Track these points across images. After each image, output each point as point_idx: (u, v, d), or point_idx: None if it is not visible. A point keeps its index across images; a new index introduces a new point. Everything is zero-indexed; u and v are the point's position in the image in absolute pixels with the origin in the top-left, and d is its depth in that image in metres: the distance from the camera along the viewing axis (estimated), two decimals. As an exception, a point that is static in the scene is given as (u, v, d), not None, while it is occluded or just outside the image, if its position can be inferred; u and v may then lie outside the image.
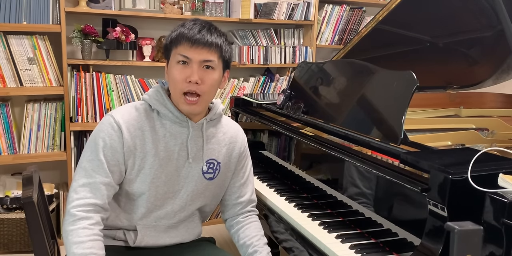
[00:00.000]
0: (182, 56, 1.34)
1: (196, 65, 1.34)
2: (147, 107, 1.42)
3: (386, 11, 2.00)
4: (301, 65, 2.09)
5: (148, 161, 1.38)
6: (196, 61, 1.34)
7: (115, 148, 1.35)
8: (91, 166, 1.33)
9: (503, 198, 1.02)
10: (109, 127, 1.36)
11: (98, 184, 1.32)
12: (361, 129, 1.56)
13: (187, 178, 1.45)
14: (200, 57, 1.34)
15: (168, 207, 1.45)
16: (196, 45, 1.33)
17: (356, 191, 1.48)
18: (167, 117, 1.41)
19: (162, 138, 1.40)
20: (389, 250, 1.30)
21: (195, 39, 1.33)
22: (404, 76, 1.49)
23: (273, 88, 3.31)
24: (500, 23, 1.79)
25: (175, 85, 1.37)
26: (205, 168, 1.46)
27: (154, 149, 1.38)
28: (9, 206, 2.63)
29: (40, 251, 1.30)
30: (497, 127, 1.90)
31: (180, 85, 1.35)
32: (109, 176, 1.34)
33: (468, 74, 2.20)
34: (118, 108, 1.43)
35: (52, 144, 2.76)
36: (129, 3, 2.79)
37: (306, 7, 3.23)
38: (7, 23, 2.53)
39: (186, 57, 1.34)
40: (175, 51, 1.36)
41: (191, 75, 1.33)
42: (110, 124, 1.36)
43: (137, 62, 2.93)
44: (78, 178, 1.33)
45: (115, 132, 1.35)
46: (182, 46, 1.34)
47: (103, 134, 1.35)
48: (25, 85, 2.64)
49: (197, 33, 1.34)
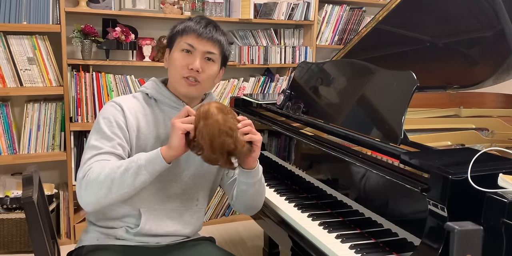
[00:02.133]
0: (188, 44, 1.43)
1: (199, 55, 1.43)
2: (145, 96, 1.50)
3: (386, 11, 2.00)
4: (301, 65, 2.09)
5: (150, 142, 1.43)
6: (200, 51, 1.43)
7: (121, 124, 1.39)
8: (100, 142, 1.36)
9: (503, 198, 1.02)
10: (112, 108, 1.42)
11: (108, 153, 1.34)
12: (361, 129, 1.56)
13: (188, 161, 1.49)
14: (204, 48, 1.43)
15: (170, 189, 1.48)
16: (202, 37, 1.42)
17: (356, 191, 1.48)
18: (164, 103, 1.48)
19: (162, 121, 1.47)
20: (389, 250, 1.29)
21: (201, 32, 1.42)
22: (404, 76, 1.49)
23: (273, 88, 3.31)
24: (500, 23, 1.79)
25: (175, 70, 1.44)
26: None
27: (155, 132, 1.45)
28: (9, 206, 2.63)
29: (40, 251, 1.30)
30: (497, 127, 1.90)
31: (181, 70, 1.43)
32: (119, 149, 1.36)
33: (468, 74, 2.20)
34: (116, 97, 1.49)
35: (52, 144, 2.76)
36: (129, 3, 2.79)
37: (306, 7, 3.23)
38: (7, 23, 2.53)
39: (191, 46, 1.42)
40: (180, 39, 1.44)
41: (193, 63, 1.41)
42: (113, 106, 1.42)
43: (137, 62, 2.93)
44: (87, 155, 1.35)
45: (119, 112, 1.41)
46: (188, 36, 1.43)
47: (107, 115, 1.40)
48: (25, 85, 2.64)
49: (203, 27, 1.43)
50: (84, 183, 1.29)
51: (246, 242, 2.94)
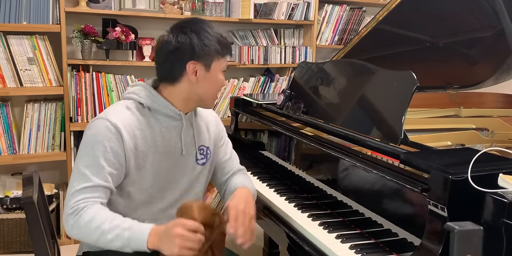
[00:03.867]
0: (226, 67, 1.47)
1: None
2: (138, 105, 1.42)
3: (386, 11, 2.00)
4: (301, 65, 2.09)
5: (149, 159, 1.40)
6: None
7: (116, 151, 1.33)
8: (90, 171, 1.30)
9: (503, 198, 1.02)
10: (106, 131, 1.33)
11: (98, 187, 1.30)
12: (361, 129, 1.56)
13: (184, 167, 1.49)
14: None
15: (169, 197, 1.47)
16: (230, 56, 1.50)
17: (356, 191, 1.48)
18: (160, 113, 1.43)
19: (159, 133, 1.42)
20: (389, 250, 1.29)
21: (231, 53, 1.48)
22: (404, 76, 1.49)
23: (273, 88, 3.31)
24: (500, 23, 1.79)
25: (216, 89, 1.46)
26: (198, 156, 1.52)
27: (154, 146, 1.41)
28: (9, 206, 2.63)
29: (40, 251, 1.30)
30: (497, 127, 1.90)
31: (220, 90, 1.50)
32: (109, 180, 1.32)
33: (468, 74, 2.20)
34: (109, 109, 1.41)
35: (52, 144, 2.76)
36: (129, 3, 2.79)
37: (306, 7, 3.23)
38: (7, 23, 2.53)
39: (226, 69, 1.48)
40: (220, 60, 1.43)
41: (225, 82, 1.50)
42: (107, 127, 1.33)
43: (137, 62, 2.93)
44: (77, 184, 1.30)
45: (114, 135, 1.33)
46: (226, 58, 1.45)
47: (101, 138, 1.33)
48: (25, 85, 2.64)
49: (230, 47, 1.47)
50: (72, 222, 1.26)
51: (246, 242, 2.93)
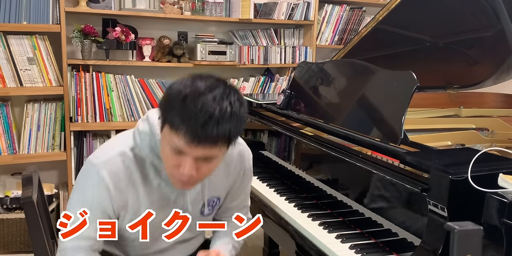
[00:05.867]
0: (176, 148, 1.06)
1: (192, 160, 1.07)
2: (138, 152, 1.20)
3: (386, 11, 2.00)
4: (301, 65, 2.09)
5: (143, 213, 1.23)
6: (192, 156, 1.07)
7: (104, 207, 1.20)
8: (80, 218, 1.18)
9: (503, 198, 1.02)
10: (95, 185, 1.18)
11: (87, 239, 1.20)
12: (361, 129, 1.56)
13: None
14: (199, 154, 1.06)
15: (163, 241, 1.30)
16: (196, 143, 1.02)
17: (356, 191, 1.48)
18: (162, 166, 1.19)
19: (156, 188, 1.23)
20: (389, 250, 1.29)
21: (195, 136, 1.01)
22: (404, 76, 1.49)
23: (273, 88, 3.31)
24: (500, 23, 1.79)
25: (165, 164, 1.15)
26: (205, 210, 1.33)
27: (148, 202, 1.23)
28: (9, 206, 2.63)
29: (40, 251, 1.30)
30: (497, 127, 1.90)
31: (172, 169, 1.12)
32: (97, 230, 1.20)
33: (468, 74, 2.20)
34: (102, 153, 1.23)
35: (52, 144, 2.76)
36: (129, 3, 2.79)
37: (306, 7, 3.23)
38: (7, 23, 2.53)
39: (180, 151, 1.06)
40: (169, 133, 1.05)
41: (183, 169, 1.08)
42: (97, 182, 1.18)
43: (137, 62, 2.93)
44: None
45: (101, 192, 1.18)
46: (178, 137, 1.03)
47: (89, 191, 1.19)
48: (25, 85, 2.64)
49: (200, 128, 1.00)
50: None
51: (246, 242, 2.93)
